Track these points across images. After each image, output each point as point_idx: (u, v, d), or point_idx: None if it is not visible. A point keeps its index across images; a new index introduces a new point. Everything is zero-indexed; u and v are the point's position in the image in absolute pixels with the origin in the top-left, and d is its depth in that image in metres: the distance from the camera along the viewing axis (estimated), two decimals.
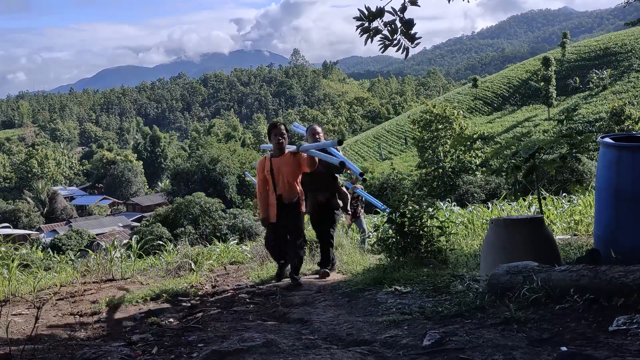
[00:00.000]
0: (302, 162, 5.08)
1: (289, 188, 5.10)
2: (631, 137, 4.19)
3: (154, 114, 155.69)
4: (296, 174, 5.14)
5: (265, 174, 5.16)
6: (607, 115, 42.76)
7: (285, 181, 5.08)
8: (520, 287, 3.13)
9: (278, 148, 5.13)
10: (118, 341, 3.36)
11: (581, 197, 8.65)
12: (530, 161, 5.13)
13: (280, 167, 5.08)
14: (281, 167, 5.07)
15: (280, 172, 5.07)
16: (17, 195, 61.25)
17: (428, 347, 2.53)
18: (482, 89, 75.72)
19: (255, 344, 2.59)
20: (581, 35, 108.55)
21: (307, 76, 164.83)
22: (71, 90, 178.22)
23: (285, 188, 5.09)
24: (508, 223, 4.16)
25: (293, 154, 5.11)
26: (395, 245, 5.15)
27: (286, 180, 5.08)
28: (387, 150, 66.51)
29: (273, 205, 5.11)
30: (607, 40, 76.16)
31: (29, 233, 34.24)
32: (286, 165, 5.08)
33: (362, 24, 3.64)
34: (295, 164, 5.10)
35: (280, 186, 5.09)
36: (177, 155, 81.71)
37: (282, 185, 5.08)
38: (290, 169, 5.08)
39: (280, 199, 5.09)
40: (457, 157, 32.73)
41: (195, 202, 26.23)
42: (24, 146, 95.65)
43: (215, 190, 47.04)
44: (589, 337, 2.48)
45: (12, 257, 6.00)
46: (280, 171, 5.07)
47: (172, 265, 6.46)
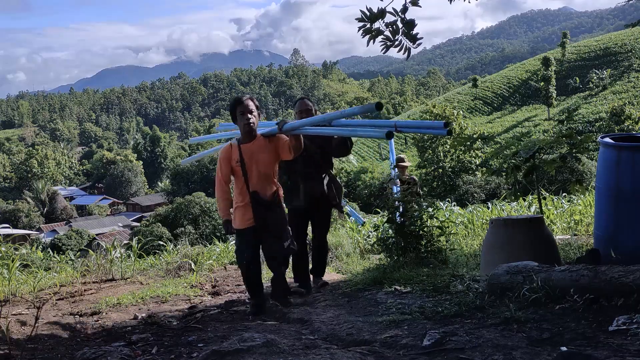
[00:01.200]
0: (282, 146, 4.07)
1: (266, 181, 4.07)
2: (631, 137, 4.19)
3: (154, 114, 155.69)
4: (273, 163, 4.13)
5: (233, 165, 4.08)
6: (607, 115, 42.81)
7: (260, 173, 4.04)
8: (520, 287, 3.13)
9: (247, 131, 4.05)
10: (118, 341, 3.36)
11: (581, 197, 8.66)
12: (530, 161, 5.12)
13: (252, 156, 4.03)
14: (254, 155, 4.04)
15: (254, 162, 4.03)
16: (17, 195, 61.28)
17: (428, 347, 2.53)
18: (482, 89, 75.74)
19: (255, 344, 2.59)
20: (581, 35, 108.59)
21: (307, 76, 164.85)
22: (71, 90, 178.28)
23: (261, 182, 4.04)
24: (508, 223, 4.16)
25: (267, 137, 4.12)
26: (395, 245, 5.14)
27: (262, 172, 4.04)
28: (387, 150, 66.52)
29: (247, 205, 4.05)
30: (607, 40, 76.19)
31: (29, 233, 34.24)
32: (260, 152, 4.05)
33: (363, 25, 3.65)
34: (272, 150, 4.09)
35: (255, 180, 4.03)
36: (177, 155, 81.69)
37: (256, 179, 4.04)
38: (267, 157, 4.06)
39: (255, 196, 4.01)
40: (457, 157, 32.76)
41: (195, 202, 26.25)
42: (24, 146, 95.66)
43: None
44: (589, 337, 2.48)
45: (12, 257, 6.00)
46: (253, 160, 4.03)
47: (172, 265, 6.46)
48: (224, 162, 4.13)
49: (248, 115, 4.03)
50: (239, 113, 4.06)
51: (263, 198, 4.03)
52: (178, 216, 25.76)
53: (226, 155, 4.14)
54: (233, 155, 4.10)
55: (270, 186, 4.10)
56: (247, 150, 4.06)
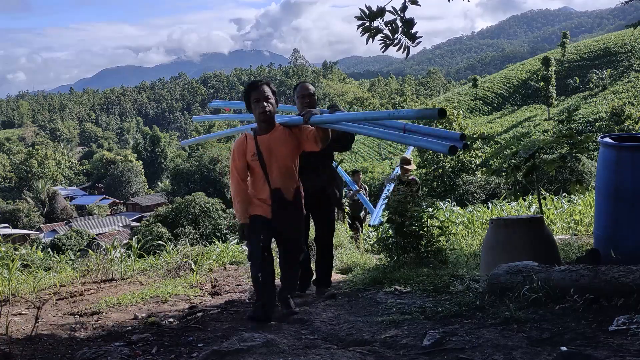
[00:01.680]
0: (307, 137, 3.58)
1: (288, 177, 3.63)
2: (631, 137, 4.19)
3: (154, 113, 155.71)
4: (295, 155, 3.68)
5: (250, 160, 3.61)
6: (607, 115, 42.80)
7: (280, 168, 3.59)
8: (520, 287, 3.13)
9: (265, 120, 3.58)
10: (118, 341, 3.36)
11: (581, 197, 8.66)
12: (530, 161, 5.13)
13: (272, 148, 3.58)
14: (273, 147, 3.58)
15: (273, 155, 3.57)
16: (17, 195, 61.28)
17: (428, 347, 2.53)
18: (482, 89, 75.77)
19: (255, 344, 2.59)
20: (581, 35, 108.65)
21: (307, 76, 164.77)
22: (71, 90, 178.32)
23: (283, 178, 3.60)
24: (508, 223, 4.17)
25: (287, 127, 3.67)
26: (395, 245, 5.14)
27: (282, 167, 3.60)
28: (387, 150, 66.50)
29: (266, 201, 3.61)
30: (607, 40, 76.23)
31: (29, 233, 34.23)
32: (280, 144, 3.60)
33: (363, 24, 3.65)
34: (294, 142, 3.63)
35: (276, 175, 3.58)
36: (177, 155, 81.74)
37: (277, 174, 3.59)
38: (288, 150, 3.61)
39: (277, 195, 3.58)
40: (457, 157, 32.73)
41: (195, 202, 26.26)
42: (24, 146, 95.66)
43: (215, 190, 47.01)
44: (589, 337, 2.49)
45: (12, 257, 6.00)
46: (273, 153, 3.57)
47: (172, 265, 6.46)
48: (239, 156, 3.65)
49: (264, 103, 3.55)
50: (253, 100, 3.59)
51: (286, 198, 3.61)
52: (178, 216, 25.78)
53: (240, 148, 3.65)
54: (248, 148, 3.62)
55: (292, 183, 3.66)
56: (265, 142, 3.58)
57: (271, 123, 3.62)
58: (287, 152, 3.62)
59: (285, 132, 3.64)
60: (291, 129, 3.65)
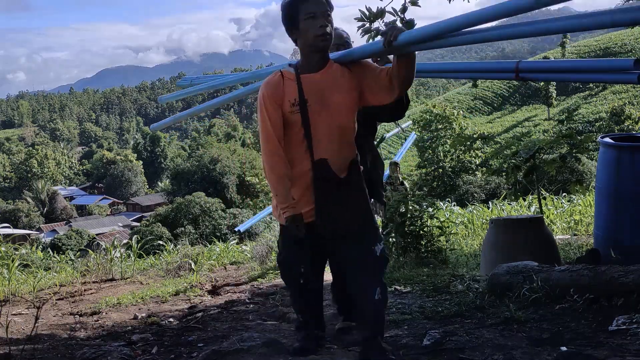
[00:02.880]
0: (377, 79, 2.30)
1: (342, 143, 2.35)
2: (631, 137, 4.20)
3: (154, 114, 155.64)
4: (354, 109, 2.37)
5: (286, 111, 2.30)
6: (607, 115, 42.78)
7: (332, 127, 2.31)
8: (520, 287, 3.13)
9: (323, 48, 2.29)
10: (118, 341, 3.36)
11: (581, 197, 8.67)
12: (530, 161, 5.13)
13: (322, 95, 2.29)
14: (325, 93, 2.30)
15: (324, 106, 2.29)
16: (17, 195, 61.24)
17: (428, 347, 2.53)
18: (482, 89, 75.73)
19: (255, 343, 2.59)
20: (581, 35, 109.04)
21: None
22: (71, 90, 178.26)
23: (334, 143, 2.32)
24: (508, 223, 4.17)
25: (346, 66, 2.36)
26: (395, 245, 5.15)
27: (336, 125, 2.31)
28: (387, 150, 66.53)
29: (304, 183, 2.33)
30: (607, 40, 76.18)
31: (29, 233, 34.23)
32: (336, 89, 2.31)
33: (363, 25, 3.65)
34: (355, 88, 2.33)
35: (324, 139, 2.30)
36: (177, 155, 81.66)
37: (326, 137, 2.30)
38: (347, 98, 2.32)
39: (323, 169, 2.30)
40: (457, 157, 32.73)
41: (195, 202, 26.23)
42: (23, 146, 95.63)
43: (215, 190, 46.92)
44: (589, 337, 2.49)
45: (12, 257, 6.01)
46: (324, 103, 2.29)
47: (172, 265, 6.46)
48: (271, 104, 2.30)
49: (323, 22, 2.22)
50: (305, 16, 2.23)
51: (334, 172, 2.31)
52: (178, 216, 25.75)
53: (275, 92, 2.31)
54: (287, 92, 2.30)
55: (348, 152, 2.37)
56: (313, 84, 2.30)
57: (326, 56, 2.34)
58: (345, 103, 2.31)
59: (344, 71, 2.35)
60: (351, 67, 2.36)
